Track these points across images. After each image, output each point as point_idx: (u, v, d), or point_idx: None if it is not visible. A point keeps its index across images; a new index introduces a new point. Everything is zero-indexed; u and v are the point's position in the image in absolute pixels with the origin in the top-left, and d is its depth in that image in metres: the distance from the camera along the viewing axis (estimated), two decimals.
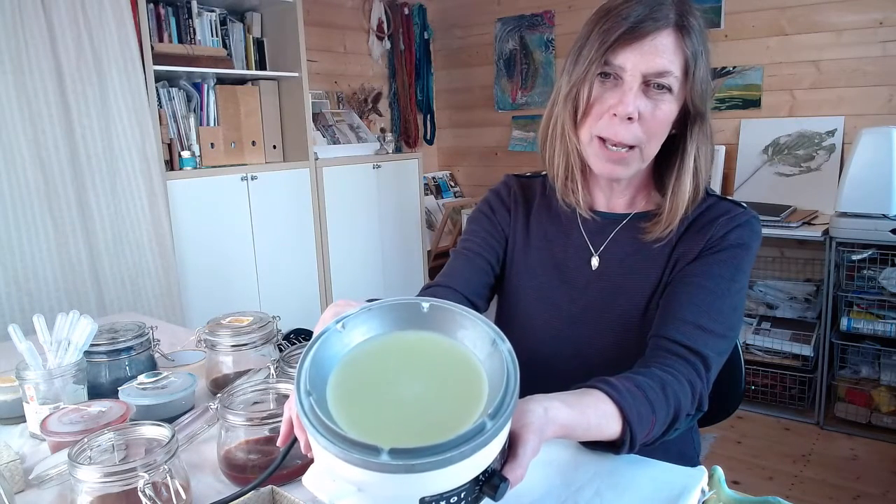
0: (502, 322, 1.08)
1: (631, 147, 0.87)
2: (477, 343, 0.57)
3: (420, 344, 0.58)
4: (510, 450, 0.57)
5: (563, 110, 0.91)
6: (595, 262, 0.98)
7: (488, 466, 0.52)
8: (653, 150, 0.89)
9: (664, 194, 0.92)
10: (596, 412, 0.69)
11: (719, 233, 0.90)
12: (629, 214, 0.97)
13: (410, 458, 0.46)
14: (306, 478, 0.52)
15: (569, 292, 0.99)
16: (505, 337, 0.55)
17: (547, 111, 0.96)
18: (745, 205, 0.93)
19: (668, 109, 0.86)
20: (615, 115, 0.85)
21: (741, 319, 0.91)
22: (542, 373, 0.99)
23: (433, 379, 0.55)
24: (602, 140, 0.87)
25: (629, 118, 0.84)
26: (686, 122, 0.90)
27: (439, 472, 0.47)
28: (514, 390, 0.51)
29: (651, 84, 0.85)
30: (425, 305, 0.59)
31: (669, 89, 0.85)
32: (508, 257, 1.05)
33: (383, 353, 0.58)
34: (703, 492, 0.76)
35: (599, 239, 0.98)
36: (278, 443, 0.65)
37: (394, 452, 0.46)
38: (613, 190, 0.98)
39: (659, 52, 0.83)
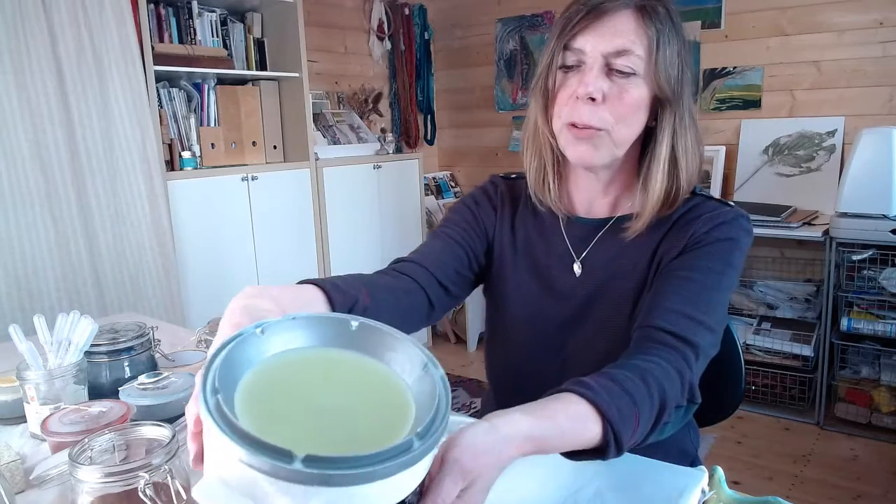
0: (490, 330, 1.06)
1: (598, 129, 0.84)
2: (406, 367, 0.53)
3: (344, 363, 0.54)
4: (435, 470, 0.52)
5: (535, 104, 0.91)
6: (577, 268, 0.95)
7: (406, 498, 0.46)
8: (624, 134, 0.86)
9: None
10: (567, 415, 0.63)
11: (702, 229, 0.87)
12: (612, 218, 0.95)
13: (328, 467, 0.40)
14: (196, 490, 0.43)
15: (554, 300, 0.96)
16: (437, 363, 0.52)
17: (526, 115, 0.96)
18: (733, 204, 0.91)
19: (636, 93, 0.84)
20: (578, 97, 0.84)
21: (726, 317, 0.87)
22: (531, 384, 0.96)
23: (356, 398, 0.51)
24: (571, 126, 0.86)
25: (592, 98, 0.82)
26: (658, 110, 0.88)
27: (357, 488, 0.41)
28: (444, 414, 0.48)
29: (614, 67, 0.83)
30: (354, 324, 0.56)
31: (634, 72, 0.83)
32: (496, 262, 1.02)
33: (303, 366, 0.53)
34: (703, 492, 0.76)
35: (582, 244, 0.96)
36: (192, 464, 0.53)
37: (309, 460, 0.40)
38: (595, 193, 0.95)
39: (618, 32, 0.82)
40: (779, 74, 2.87)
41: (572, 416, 0.63)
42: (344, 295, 0.75)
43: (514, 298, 1.00)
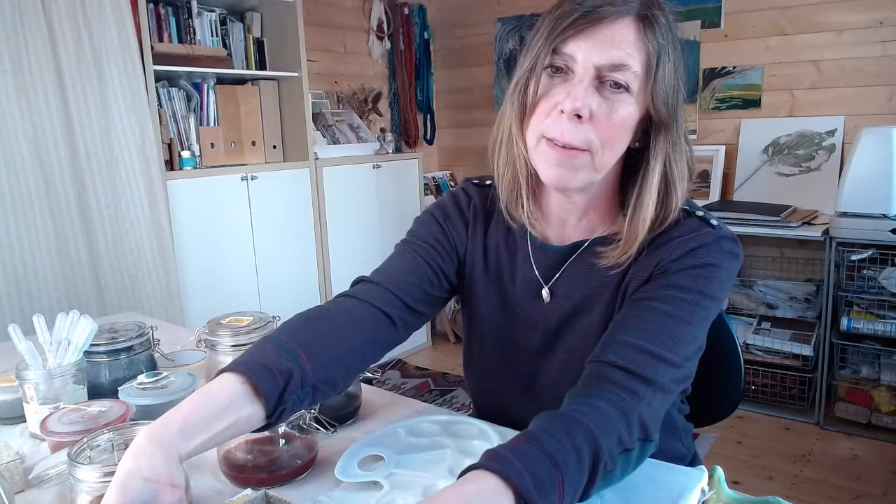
0: (466, 351, 1.02)
1: (581, 150, 0.76)
2: None
3: None
4: None
5: (511, 109, 0.82)
6: (546, 294, 0.88)
7: None
8: (607, 159, 0.78)
9: (625, 216, 0.81)
10: (464, 499, 0.56)
11: (672, 255, 0.78)
12: (585, 242, 0.87)
13: None
14: None
15: (523, 329, 0.91)
16: None
17: (499, 115, 0.86)
18: (716, 223, 0.81)
19: (626, 113, 0.75)
20: (562, 111, 0.74)
21: (700, 351, 0.76)
22: (510, 410, 0.94)
23: None
24: (550, 141, 0.77)
25: (578, 115, 0.74)
26: (651, 132, 0.79)
27: None
28: None
29: (606, 81, 0.74)
30: None
31: (627, 88, 0.74)
32: (466, 283, 0.96)
33: None
34: (703, 492, 0.76)
35: (550, 271, 0.88)
36: None
37: None
38: (569, 215, 0.87)
39: (616, 43, 0.73)
40: (779, 74, 2.87)
41: (474, 495, 0.56)
42: (273, 376, 0.70)
43: (484, 324, 0.95)
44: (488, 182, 0.96)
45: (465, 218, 0.96)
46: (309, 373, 0.74)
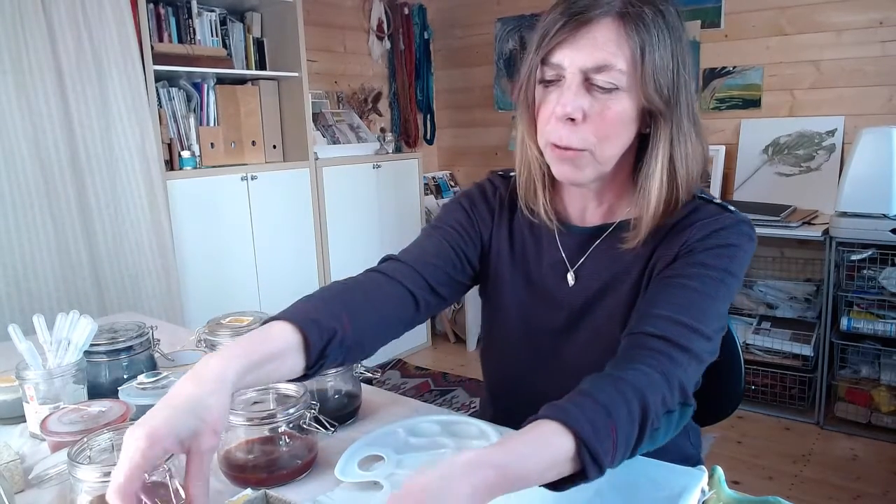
0: (486, 335, 1.04)
1: (580, 150, 0.80)
2: None
3: None
4: None
5: (521, 118, 0.89)
6: (571, 278, 0.92)
7: None
8: (609, 153, 0.81)
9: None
10: (530, 437, 0.59)
11: (696, 236, 0.82)
12: (608, 227, 0.91)
13: None
14: None
15: (547, 309, 0.94)
16: None
17: (517, 116, 0.93)
18: (733, 209, 0.86)
19: (619, 108, 0.79)
20: (556, 117, 0.80)
21: (723, 329, 0.80)
22: (526, 390, 0.96)
23: None
24: (554, 145, 0.82)
25: (571, 119, 0.78)
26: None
27: None
28: None
29: (594, 82, 0.78)
30: None
31: (617, 87, 0.77)
32: (492, 269, 0.99)
33: None
34: (703, 491, 0.76)
35: (577, 254, 0.92)
36: None
37: None
38: (587, 202, 0.92)
39: (598, 45, 0.76)
40: (779, 74, 2.87)
41: (536, 436, 0.60)
42: (320, 330, 0.74)
43: (508, 306, 0.97)
44: (513, 174, 1.00)
45: (490, 205, 1.00)
46: (348, 334, 0.77)
